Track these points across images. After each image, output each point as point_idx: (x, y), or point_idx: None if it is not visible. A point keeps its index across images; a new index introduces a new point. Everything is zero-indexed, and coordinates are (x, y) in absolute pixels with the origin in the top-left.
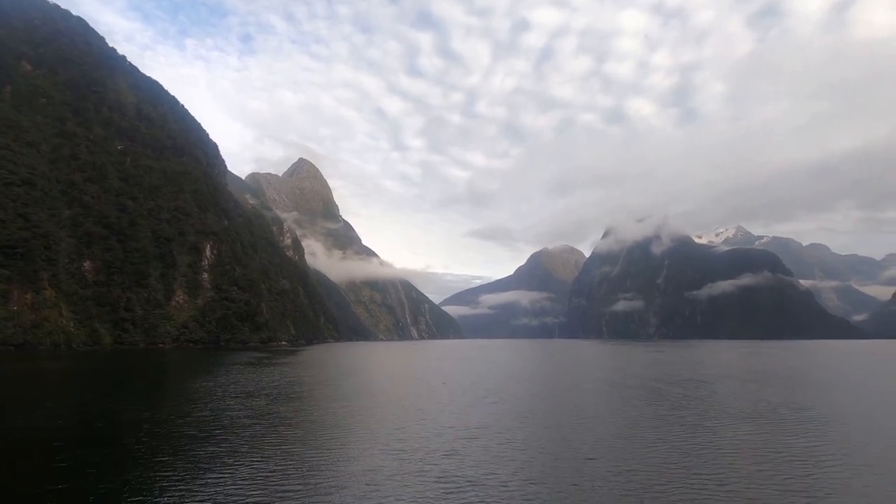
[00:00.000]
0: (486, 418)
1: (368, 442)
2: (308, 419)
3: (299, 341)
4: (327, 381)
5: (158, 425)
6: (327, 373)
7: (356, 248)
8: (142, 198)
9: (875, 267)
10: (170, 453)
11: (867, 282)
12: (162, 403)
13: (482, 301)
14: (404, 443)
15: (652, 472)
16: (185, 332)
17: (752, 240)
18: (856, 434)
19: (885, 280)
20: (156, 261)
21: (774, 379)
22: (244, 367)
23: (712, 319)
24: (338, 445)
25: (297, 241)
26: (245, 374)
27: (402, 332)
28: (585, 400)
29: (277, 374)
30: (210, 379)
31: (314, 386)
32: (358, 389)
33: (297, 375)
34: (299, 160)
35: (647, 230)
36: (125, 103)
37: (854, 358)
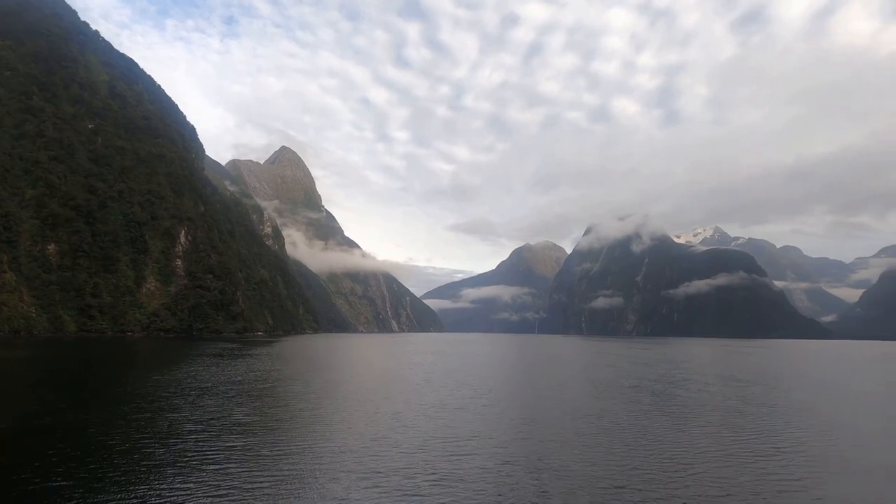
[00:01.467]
0: (477, 426)
1: (332, 459)
2: (263, 425)
3: (276, 332)
4: (297, 376)
5: (83, 429)
6: (299, 367)
7: (338, 239)
8: (112, 179)
9: (844, 270)
10: (81, 466)
11: (836, 284)
12: (100, 401)
13: (464, 295)
14: (379, 460)
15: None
16: (155, 321)
17: (729, 241)
18: (825, 428)
19: (853, 283)
20: (126, 245)
21: (767, 379)
22: (211, 359)
23: (689, 318)
24: (291, 466)
25: (277, 231)
26: (209, 367)
27: (382, 324)
28: (587, 405)
29: (244, 367)
30: (169, 372)
31: (281, 382)
32: (330, 387)
33: (265, 369)
34: (281, 148)
35: (628, 228)
36: (97, 80)
37: (825, 358)
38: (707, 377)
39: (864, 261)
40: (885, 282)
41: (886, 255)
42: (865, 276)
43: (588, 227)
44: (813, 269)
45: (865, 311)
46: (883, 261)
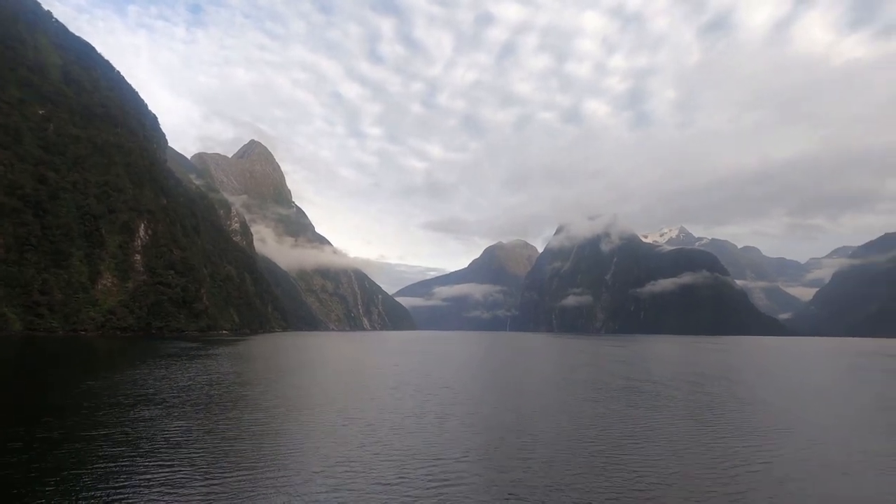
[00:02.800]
0: (464, 441)
1: (286, 496)
2: (200, 444)
3: (243, 331)
4: (256, 379)
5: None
6: (260, 368)
7: (308, 235)
8: (65, 169)
9: (800, 270)
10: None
11: (792, 283)
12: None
13: (436, 293)
14: (347, 494)
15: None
16: (111, 319)
17: (693, 241)
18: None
19: (808, 282)
20: (80, 239)
21: (749, 376)
22: (164, 361)
23: (655, 315)
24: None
25: (245, 226)
26: (157, 370)
27: (353, 322)
28: (580, 410)
29: (199, 369)
30: (108, 376)
31: (236, 387)
32: (292, 393)
33: (222, 372)
34: (251, 142)
35: (598, 228)
36: (49, 64)
37: (786, 355)
38: (690, 375)
39: (818, 261)
40: (837, 281)
41: (838, 255)
42: (819, 276)
43: (559, 227)
44: (771, 268)
45: (819, 309)
46: (835, 261)
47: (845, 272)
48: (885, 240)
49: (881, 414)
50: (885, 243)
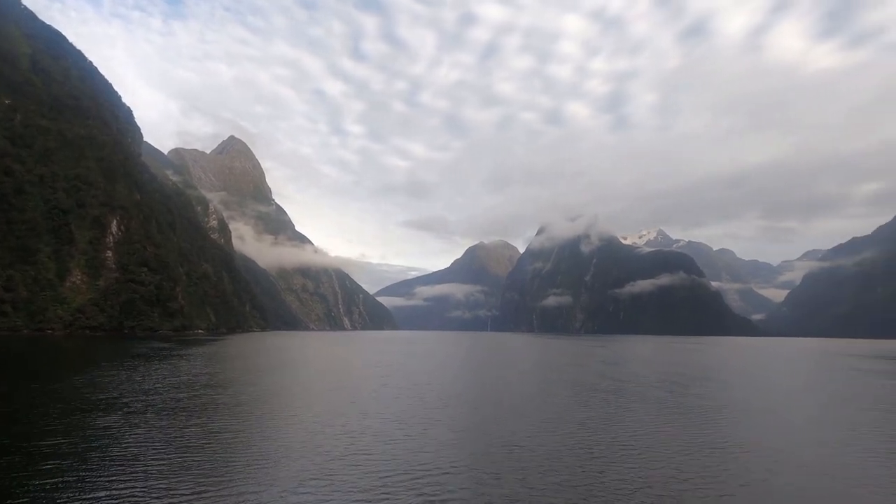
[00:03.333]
0: (455, 450)
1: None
2: (161, 454)
3: (219, 330)
4: (229, 382)
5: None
6: (235, 370)
7: (288, 233)
8: (32, 162)
9: (772, 272)
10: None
11: (765, 285)
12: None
13: (417, 293)
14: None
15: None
16: (80, 318)
17: (671, 243)
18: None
19: (780, 284)
20: (48, 235)
21: (727, 376)
22: (130, 361)
23: (633, 316)
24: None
25: (223, 224)
26: (122, 371)
27: (334, 322)
28: (576, 415)
29: (168, 371)
30: (68, 377)
31: (206, 390)
32: (266, 397)
33: (193, 373)
34: (230, 138)
35: (578, 229)
36: (16, 53)
37: (764, 355)
38: (677, 376)
39: (790, 263)
40: (808, 283)
41: (809, 258)
42: (790, 278)
43: (540, 227)
44: (744, 270)
45: (790, 310)
46: (805, 263)
47: (815, 275)
48: (853, 244)
49: (857, 412)
50: (853, 247)
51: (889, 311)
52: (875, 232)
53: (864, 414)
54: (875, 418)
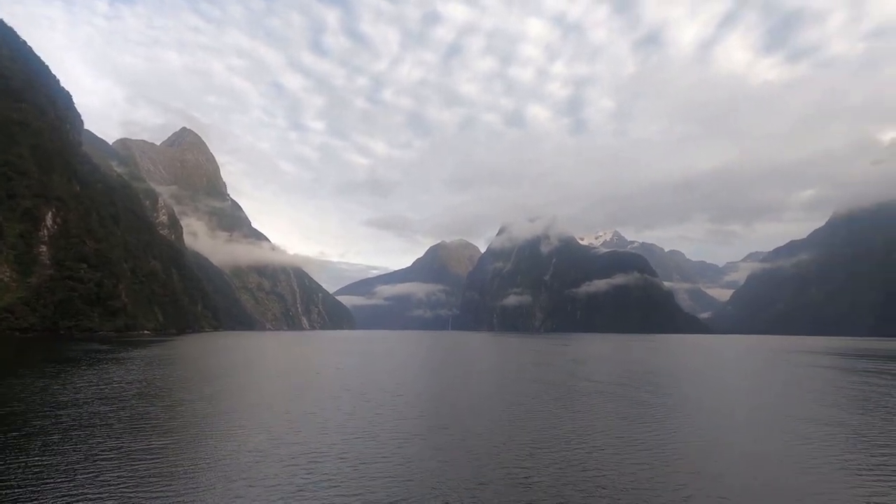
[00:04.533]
0: (435, 472)
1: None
2: (69, 487)
3: (168, 331)
4: (167, 390)
5: None
6: (176, 375)
7: (244, 230)
8: None
9: (718, 272)
10: None
11: (711, 285)
12: None
13: (378, 292)
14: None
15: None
16: (8, 318)
17: (625, 244)
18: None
19: (725, 284)
20: None
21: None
22: (55, 366)
23: (590, 314)
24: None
25: (174, 219)
26: (41, 379)
27: (292, 321)
28: (560, 418)
29: (97, 377)
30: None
31: (137, 401)
32: (209, 408)
33: (127, 380)
34: (182, 129)
35: (538, 230)
36: None
37: (715, 351)
38: (646, 374)
39: (734, 265)
40: (750, 283)
41: (751, 259)
42: (735, 278)
43: (501, 227)
44: (693, 271)
45: (734, 309)
46: (748, 265)
47: (757, 275)
48: (791, 246)
49: (802, 402)
50: (791, 250)
51: (822, 311)
52: (810, 236)
53: (807, 404)
54: (814, 407)
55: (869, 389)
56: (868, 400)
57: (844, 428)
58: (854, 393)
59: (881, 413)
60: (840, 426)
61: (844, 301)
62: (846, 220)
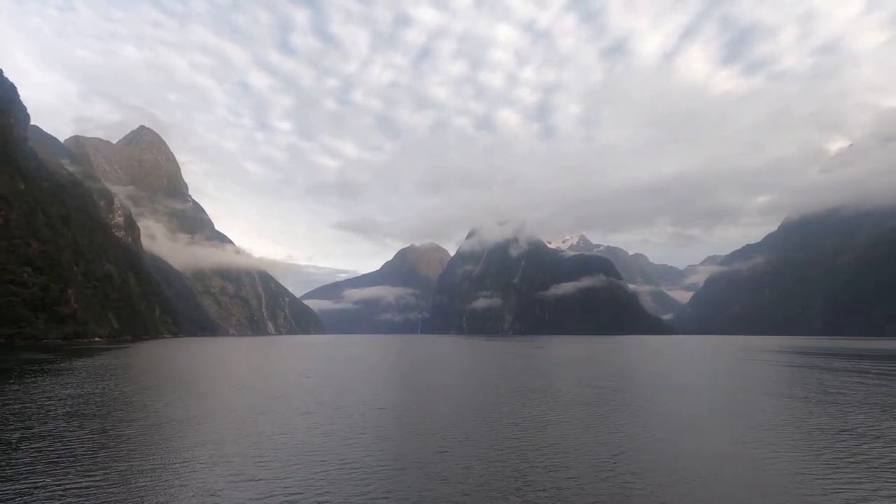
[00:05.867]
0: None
1: None
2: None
3: (123, 337)
4: (110, 405)
5: None
6: (124, 388)
7: (207, 232)
8: None
9: (679, 275)
10: None
11: (673, 287)
12: None
13: (346, 295)
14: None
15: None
16: None
17: (592, 247)
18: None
19: (686, 286)
20: None
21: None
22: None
23: (558, 317)
24: None
25: (131, 221)
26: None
27: (257, 326)
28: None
29: (18, 393)
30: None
31: (69, 421)
32: (157, 427)
33: (63, 394)
34: (140, 128)
35: (507, 233)
36: None
37: (679, 350)
38: (632, 376)
39: (694, 268)
40: (709, 286)
41: (710, 263)
42: (695, 281)
43: (471, 231)
44: (656, 274)
45: (694, 310)
46: (707, 268)
47: (716, 278)
48: (746, 250)
49: (759, 396)
50: (746, 253)
51: (775, 312)
52: (764, 240)
53: (762, 397)
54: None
55: (819, 384)
56: (821, 392)
57: (796, 418)
58: (806, 387)
59: (831, 406)
60: (794, 417)
61: (796, 302)
62: (798, 225)
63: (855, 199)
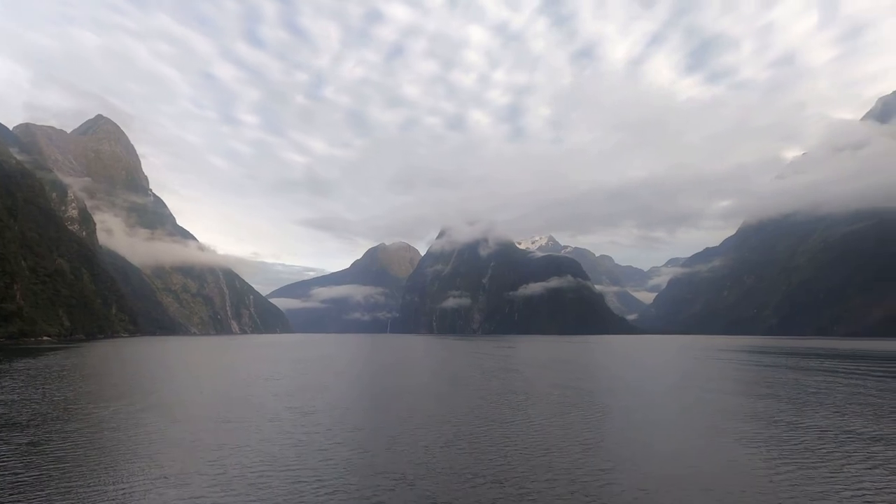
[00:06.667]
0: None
1: None
2: None
3: (75, 336)
4: (47, 414)
5: None
6: (68, 392)
7: (168, 228)
8: None
9: (643, 277)
10: None
11: (637, 288)
12: None
13: (314, 294)
14: None
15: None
16: None
17: (559, 248)
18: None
19: (650, 287)
20: None
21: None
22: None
23: (526, 316)
24: None
25: (86, 214)
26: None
27: (220, 325)
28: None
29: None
30: None
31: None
32: (97, 441)
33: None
34: (97, 117)
35: (477, 233)
36: None
37: (645, 349)
38: (620, 376)
39: (657, 269)
40: (672, 287)
41: (672, 265)
42: (658, 282)
43: (441, 230)
44: (621, 275)
45: (658, 310)
46: (670, 269)
47: (678, 279)
48: (707, 252)
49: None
50: (707, 255)
51: (733, 312)
52: (723, 243)
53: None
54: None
55: (773, 379)
56: (770, 386)
57: (749, 410)
58: (761, 383)
59: (786, 400)
60: (754, 413)
61: (752, 303)
62: (755, 229)
63: (808, 205)
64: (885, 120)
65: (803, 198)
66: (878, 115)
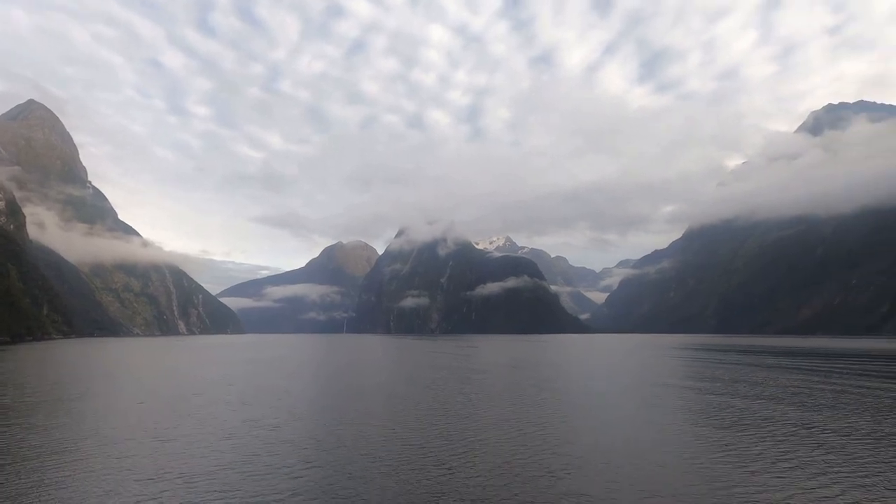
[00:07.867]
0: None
1: None
2: None
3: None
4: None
5: None
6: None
7: (109, 223)
8: None
9: (595, 277)
10: None
11: (590, 288)
12: None
13: (267, 293)
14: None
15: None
16: None
17: (517, 249)
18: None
19: (601, 288)
20: None
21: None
22: None
23: (484, 316)
24: None
25: (14, 206)
26: None
27: (166, 326)
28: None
29: None
30: None
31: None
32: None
33: None
34: (29, 101)
35: (436, 233)
36: None
37: (597, 347)
38: (597, 378)
39: (609, 270)
40: (623, 287)
41: (623, 266)
42: (609, 283)
43: (400, 229)
44: (575, 275)
45: (609, 310)
46: (621, 270)
47: (628, 280)
48: (655, 255)
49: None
50: (655, 258)
51: (678, 311)
52: (670, 246)
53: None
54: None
55: (716, 372)
56: (715, 381)
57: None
58: (711, 380)
59: (729, 393)
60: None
61: (695, 303)
62: (698, 233)
63: (747, 211)
64: (816, 133)
65: (743, 204)
66: (811, 128)
